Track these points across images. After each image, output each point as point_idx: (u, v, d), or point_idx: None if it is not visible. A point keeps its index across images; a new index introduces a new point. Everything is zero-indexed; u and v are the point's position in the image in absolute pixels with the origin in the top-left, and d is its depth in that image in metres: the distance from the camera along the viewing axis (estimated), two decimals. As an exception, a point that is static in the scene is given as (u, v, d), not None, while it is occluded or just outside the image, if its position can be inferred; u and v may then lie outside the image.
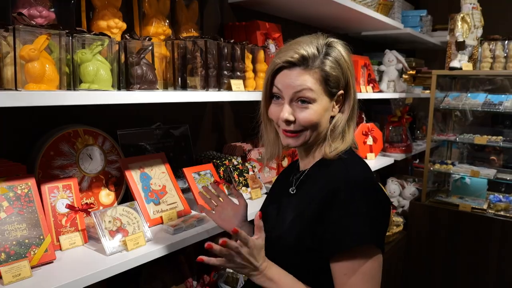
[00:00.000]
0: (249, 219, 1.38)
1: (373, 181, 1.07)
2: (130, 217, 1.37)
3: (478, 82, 3.25)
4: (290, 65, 1.06)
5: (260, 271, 1.01)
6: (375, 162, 2.85)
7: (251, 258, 0.99)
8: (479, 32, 2.76)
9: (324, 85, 1.07)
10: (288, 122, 1.09)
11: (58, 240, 1.28)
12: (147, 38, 1.34)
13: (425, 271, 3.05)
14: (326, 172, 1.10)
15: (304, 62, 1.05)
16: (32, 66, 1.01)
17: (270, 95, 1.14)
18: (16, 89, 1.01)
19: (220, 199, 1.40)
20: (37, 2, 1.24)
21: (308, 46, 1.06)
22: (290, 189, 1.19)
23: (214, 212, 1.38)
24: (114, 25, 1.43)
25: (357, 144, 1.22)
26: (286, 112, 1.07)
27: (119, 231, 1.31)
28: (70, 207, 1.33)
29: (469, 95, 3.02)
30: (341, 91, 1.11)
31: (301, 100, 1.06)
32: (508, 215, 2.74)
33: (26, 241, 1.15)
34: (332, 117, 1.13)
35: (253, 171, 1.99)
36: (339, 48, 1.10)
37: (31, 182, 1.23)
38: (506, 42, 2.73)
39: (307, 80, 1.05)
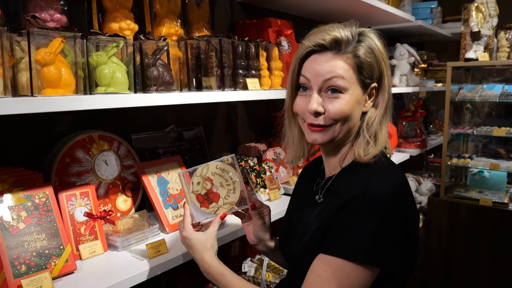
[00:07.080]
0: (272, 219, 1.33)
1: (397, 195, 0.95)
2: (225, 177, 1.14)
3: (492, 72, 3.18)
4: (321, 48, 0.99)
5: (200, 264, 1.10)
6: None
7: (187, 247, 1.13)
8: (494, 21, 2.69)
9: (357, 73, 0.98)
10: (317, 114, 0.99)
11: (77, 249, 1.24)
12: (162, 38, 1.30)
13: (445, 268, 2.98)
14: (352, 180, 1.00)
15: (336, 46, 0.98)
16: (48, 70, 0.97)
17: (297, 85, 1.05)
18: (32, 95, 0.97)
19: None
20: (49, 6, 1.20)
21: (341, 29, 0.99)
22: (316, 197, 1.12)
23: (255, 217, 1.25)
24: (126, 27, 1.39)
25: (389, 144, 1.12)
26: (314, 103, 0.98)
27: (209, 195, 1.12)
28: (89, 215, 1.29)
29: (485, 86, 2.95)
30: (375, 84, 1.03)
31: (332, 89, 0.98)
32: (530, 208, 2.67)
33: (46, 251, 1.11)
34: (364, 114, 1.05)
35: (270, 172, 1.94)
36: (372, 37, 1.02)
37: (49, 191, 1.19)
38: (523, 30, 2.66)
39: (338, 67, 0.97)
